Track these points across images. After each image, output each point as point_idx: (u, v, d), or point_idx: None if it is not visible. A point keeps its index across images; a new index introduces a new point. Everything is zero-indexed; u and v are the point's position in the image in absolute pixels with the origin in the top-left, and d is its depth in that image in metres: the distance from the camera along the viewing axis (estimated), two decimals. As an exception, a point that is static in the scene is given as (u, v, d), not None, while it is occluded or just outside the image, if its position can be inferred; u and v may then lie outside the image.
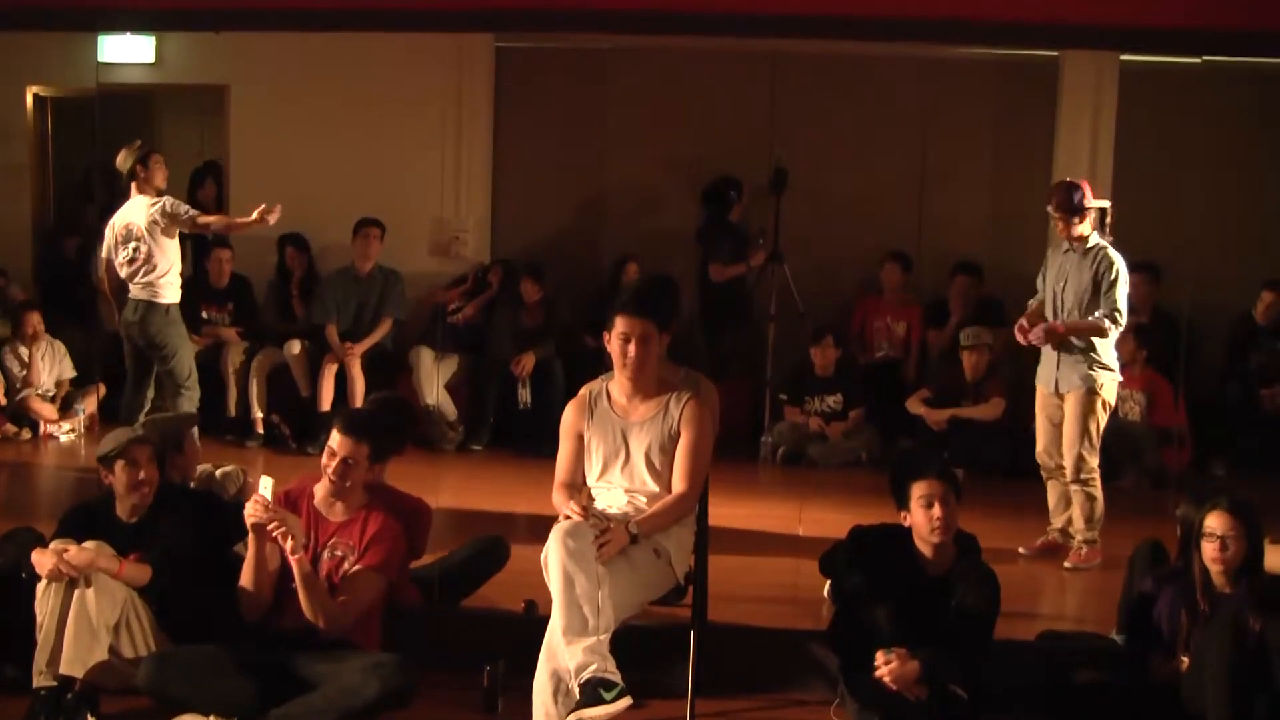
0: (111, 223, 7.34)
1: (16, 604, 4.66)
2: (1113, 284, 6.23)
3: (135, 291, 7.25)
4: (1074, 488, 6.34)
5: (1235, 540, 4.48)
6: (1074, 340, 6.27)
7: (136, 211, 7.24)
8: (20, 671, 4.58)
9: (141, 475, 4.82)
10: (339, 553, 4.58)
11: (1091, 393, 6.25)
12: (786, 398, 8.65)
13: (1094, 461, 6.30)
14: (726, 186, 9.04)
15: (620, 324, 4.63)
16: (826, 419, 8.58)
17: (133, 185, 7.25)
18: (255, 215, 7.03)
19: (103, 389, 8.53)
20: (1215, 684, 4.26)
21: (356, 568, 4.54)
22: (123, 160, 7.24)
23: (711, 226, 9.10)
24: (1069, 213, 6.29)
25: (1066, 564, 6.36)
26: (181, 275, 7.47)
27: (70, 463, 8.12)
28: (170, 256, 7.27)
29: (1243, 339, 8.73)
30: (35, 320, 8.73)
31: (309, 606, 4.41)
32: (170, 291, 7.30)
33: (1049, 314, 6.42)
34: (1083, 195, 6.28)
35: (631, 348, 4.61)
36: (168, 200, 7.23)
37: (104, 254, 7.43)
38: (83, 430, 8.54)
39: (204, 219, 7.46)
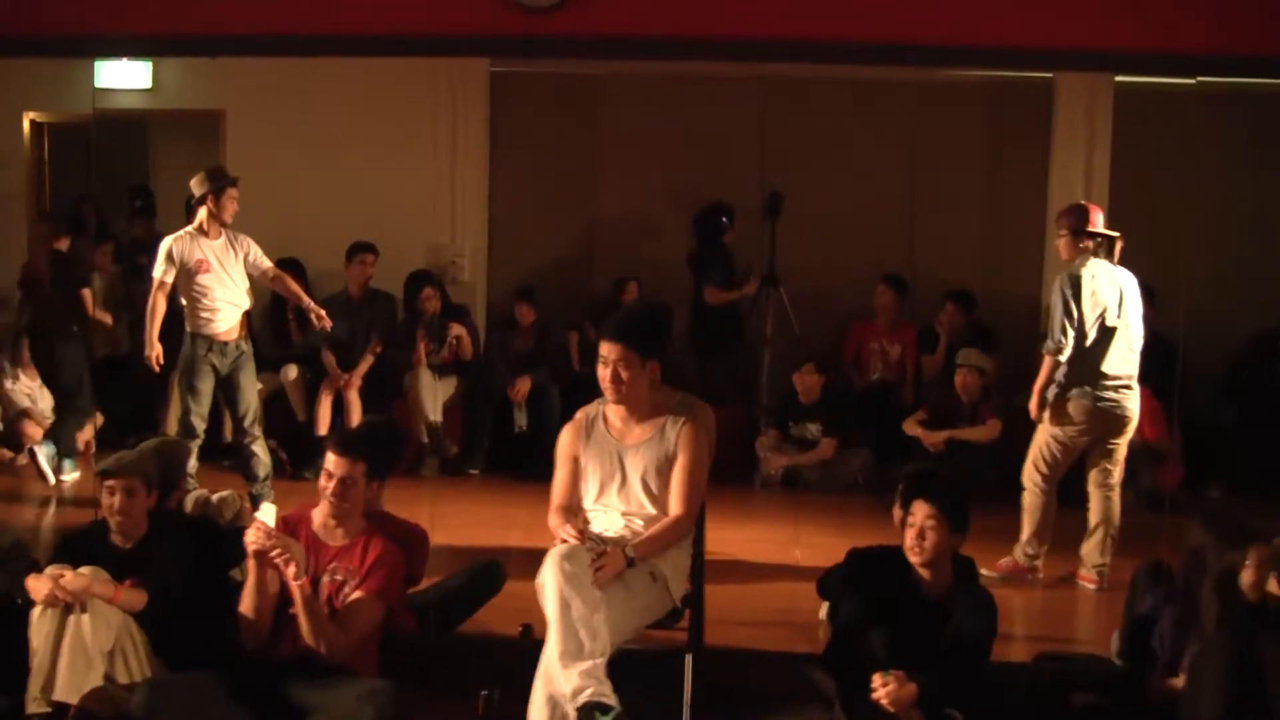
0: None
1: (10, 630, 4.64)
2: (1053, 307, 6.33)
3: None
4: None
5: (1257, 572, 4.53)
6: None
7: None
8: (13, 700, 4.55)
9: (118, 502, 4.81)
10: (339, 577, 4.56)
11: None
12: (774, 423, 8.63)
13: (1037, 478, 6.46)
14: (718, 212, 9.03)
15: (600, 347, 4.68)
16: (808, 446, 8.55)
17: (200, 211, 7.07)
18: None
19: (100, 418, 8.49)
20: (1209, 703, 4.25)
21: (357, 594, 4.53)
22: (197, 185, 7.06)
23: (703, 252, 9.11)
24: (1075, 234, 6.35)
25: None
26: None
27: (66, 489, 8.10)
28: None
29: (1257, 359, 8.70)
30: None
31: (310, 632, 4.40)
32: (188, 320, 7.15)
33: None
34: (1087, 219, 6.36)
35: (607, 371, 4.64)
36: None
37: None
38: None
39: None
